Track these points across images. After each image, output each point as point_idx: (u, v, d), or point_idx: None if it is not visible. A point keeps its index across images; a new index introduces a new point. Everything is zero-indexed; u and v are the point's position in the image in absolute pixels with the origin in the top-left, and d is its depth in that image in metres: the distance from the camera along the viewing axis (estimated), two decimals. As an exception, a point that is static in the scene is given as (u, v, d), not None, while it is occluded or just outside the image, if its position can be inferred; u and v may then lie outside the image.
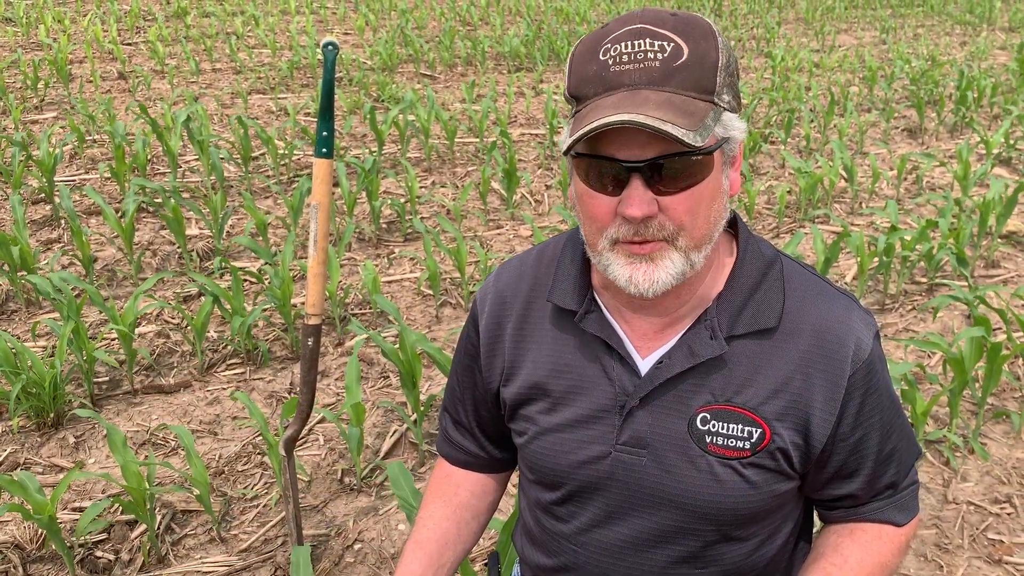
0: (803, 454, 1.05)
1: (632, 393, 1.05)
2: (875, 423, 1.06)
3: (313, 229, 2.00)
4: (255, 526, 2.69)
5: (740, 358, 1.03)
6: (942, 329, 3.94)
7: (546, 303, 1.13)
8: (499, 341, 1.17)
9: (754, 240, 1.09)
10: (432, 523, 1.25)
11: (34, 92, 7.30)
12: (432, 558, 1.21)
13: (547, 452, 1.11)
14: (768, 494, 1.05)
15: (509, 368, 1.16)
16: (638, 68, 0.92)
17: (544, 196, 5.69)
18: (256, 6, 12.36)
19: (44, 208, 5.07)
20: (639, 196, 0.92)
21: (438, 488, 1.31)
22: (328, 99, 1.96)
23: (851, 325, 1.04)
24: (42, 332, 3.74)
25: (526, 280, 1.17)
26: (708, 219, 0.97)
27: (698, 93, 0.92)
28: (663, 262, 0.96)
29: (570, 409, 1.09)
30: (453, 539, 1.25)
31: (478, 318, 1.20)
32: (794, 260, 1.12)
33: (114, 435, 2.47)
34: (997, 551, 2.64)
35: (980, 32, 12.84)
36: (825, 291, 1.07)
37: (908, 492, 1.14)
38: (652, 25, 0.93)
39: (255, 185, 5.59)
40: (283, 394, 3.36)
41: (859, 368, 1.03)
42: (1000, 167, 6.34)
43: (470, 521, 1.28)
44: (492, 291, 1.20)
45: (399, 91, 7.86)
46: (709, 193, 0.95)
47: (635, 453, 1.06)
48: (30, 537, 2.59)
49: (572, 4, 13.40)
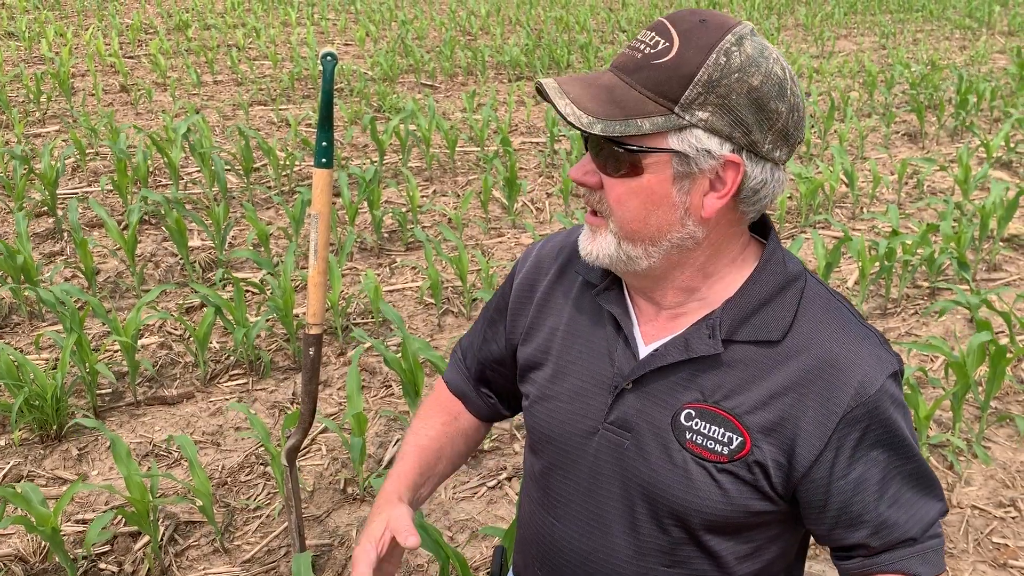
0: (784, 474, 1.01)
1: (627, 375, 1.07)
2: (877, 461, 1.01)
3: (313, 239, 2.01)
4: (258, 536, 2.69)
5: (737, 364, 1.03)
6: (944, 333, 3.94)
7: (575, 276, 1.18)
8: (528, 302, 1.23)
9: (780, 253, 1.07)
10: (434, 433, 1.32)
11: (36, 106, 7.33)
12: (428, 465, 1.27)
13: (545, 418, 1.16)
14: (741, 508, 1.03)
15: (529, 328, 1.21)
16: (626, 55, 0.98)
17: (545, 204, 5.70)
18: (257, 18, 12.41)
19: (47, 221, 5.09)
20: (584, 162, 1.02)
21: (440, 406, 1.38)
22: (327, 110, 1.97)
23: (860, 359, 1.00)
24: (45, 344, 3.75)
25: (565, 251, 1.23)
26: (642, 220, 0.99)
27: (655, 95, 0.94)
28: (599, 239, 1.03)
29: (571, 379, 1.13)
30: (448, 454, 1.31)
31: (515, 276, 1.27)
32: (824, 285, 1.09)
33: (118, 446, 2.48)
34: (1002, 555, 2.63)
35: (979, 36, 12.86)
36: (843, 319, 1.04)
37: (931, 545, 1.06)
38: (670, 22, 0.96)
39: (257, 196, 5.61)
40: (286, 404, 3.36)
41: (861, 403, 0.98)
42: (1000, 170, 6.35)
43: (460, 447, 1.35)
44: (534, 255, 1.27)
45: (400, 101, 7.89)
46: (645, 192, 0.98)
47: (620, 434, 1.08)
48: (33, 549, 2.59)
49: (572, 13, 13.44)
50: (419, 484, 1.24)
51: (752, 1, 15.70)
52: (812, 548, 2.60)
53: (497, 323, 1.29)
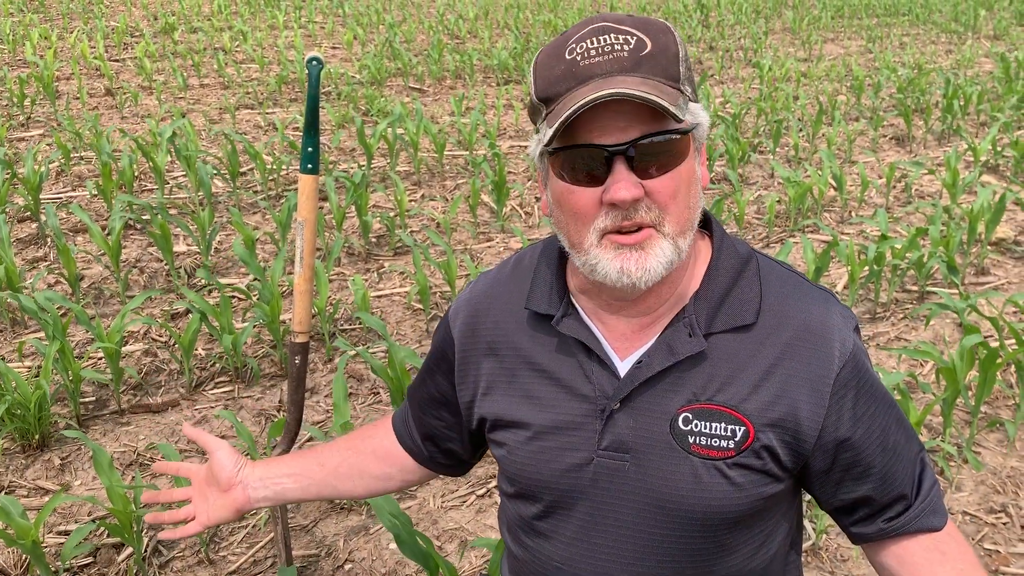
0: (793, 451, 1.02)
1: (612, 396, 1.04)
2: (875, 414, 1.04)
3: (299, 245, 1.98)
4: (244, 547, 2.65)
5: (720, 355, 1.03)
6: (933, 337, 3.94)
7: (523, 312, 1.13)
8: (473, 355, 1.16)
9: (728, 239, 1.10)
10: (338, 455, 1.34)
11: (20, 109, 7.26)
12: (308, 473, 1.32)
13: (529, 461, 1.10)
14: (754, 496, 1.03)
15: (488, 381, 1.14)
16: (607, 59, 0.94)
17: (534, 208, 5.68)
18: (244, 21, 12.35)
19: (30, 226, 5.03)
20: (626, 179, 0.93)
21: (369, 444, 1.35)
22: (313, 115, 1.94)
23: (832, 319, 1.04)
24: (28, 352, 3.69)
25: (502, 290, 1.17)
26: (688, 204, 0.98)
27: (665, 80, 0.95)
28: (653, 250, 0.96)
29: (550, 415, 1.08)
30: (344, 476, 1.33)
31: (451, 331, 1.20)
32: (769, 258, 1.12)
33: (100, 457, 2.43)
34: (994, 562, 2.62)
35: (965, 40, 12.93)
36: (802, 287, 1.07)
37: (935, 493, 1.10)
38: (613, 23, 0.96)
39: (243, 200, 5.57)
40: (272, 412, 3.33)
41: (846, 363, 1.02)
42: (988, 174, 6.37)
43: (370, 483, 1.34)
44: (465, 304, 1.20)
45: (388, 105, 7.85)
46: (687, 177, 0.97)
47: (618, 458, 1.05)
48: (14, 562, 2.55)
49: (560, 17, 13.44)
50: (285, 473, 1.33)
51: (739, 5, 15.76)
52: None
53: (436, 376, 1.23)
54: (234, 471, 1.33)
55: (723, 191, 5.81)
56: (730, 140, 6.34)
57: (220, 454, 1.35)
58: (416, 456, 1.32)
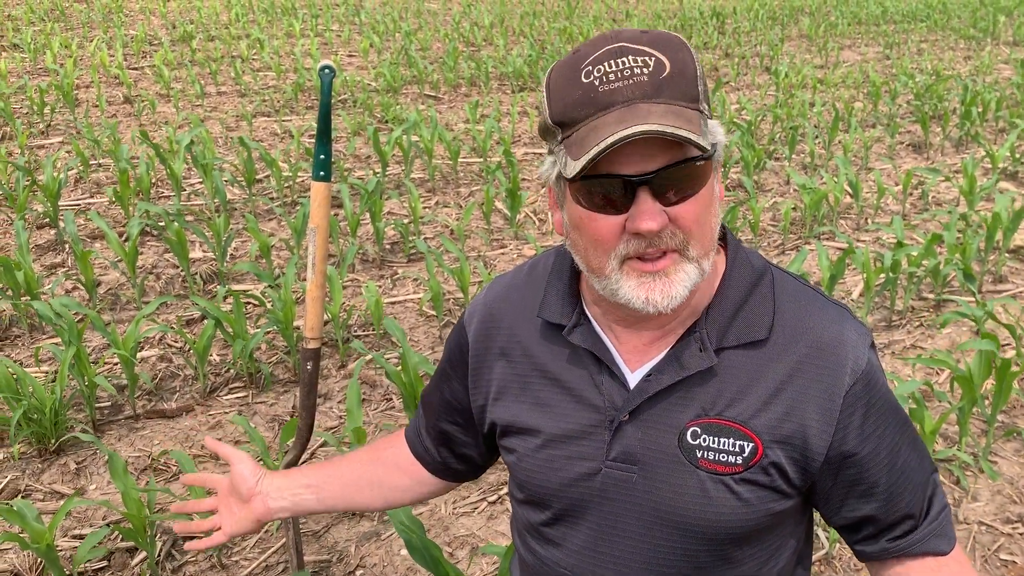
0: (800, 468, 1.02)
1: (621, 407, 1.04)
2: (885, 433, 1.03)
3: (312, 252, 1.99)
4: (256, 552, 2.66)
5: (731, 370, 1.02)
6: (950, 346, 3.90)
7: (536, 319, 1.13)
8: (486, 358, 1.17)
9: (743, 251, 1.09)
10: (356, 467, 1.36)
11: (40, 117, 7.34)
12: (326, 484, 1.34)
13: (538, 469, 1.10)
14: (762, 512, 1.02)
15: (499, 385, 1.15)
16: (628, 84, 0.91)
17: (548, 215, 5.68)
18: (261, 29, 12.45)
19: (49, 233, 5.09)
20: (650, 209, 0.92)
21: (385, 455, 1.37)
22: (325, 122, 1.95)
23: (846, 336, 1.02)
24: (45, 357, 3.73)
25: (516, 296, 1.17)
26: (711, 225, 0.98)
27: (687, 102, 0.93)
28: (677, 275, 0.95)
29: (560, 424, 1.08)
30: (361, 487, 1.35)
31: (466, 334, 1.20)
32: (784, 271, 1.11)
33: (115, 461, 2.45)
34: (1010, 572, 2.59)
35: (984, 46, 12.84)
36: (817, 302, 1.06)
37: (944, 517, 1.09)
38: (630, 43, 0.93)
39: (259, 207, 5.60)
40: (285, 417, 3.34)
41: (858, 379, 1.00)
42: (1006, 181, 6.32)
43: (387, 494, 1.36)
44: (480, 308, 1.20)
45: (403, 112, 7.89)
46: (709, 199, 0.96)
47: (626, 469, 1.04)
48: (29, 566, 2.57)
49: (576, 24, 13.46)
50: (303, 484, 1.34)
51: (756, 12, 15.72)
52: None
53: (452, 381, 1.24)
54: (254, 482, 1.35)
55: (738, 198, 5.79)
56: (745, 147, 6.32)
57: (241, 466, 1.36)
58: (430, 466, 1.32)
